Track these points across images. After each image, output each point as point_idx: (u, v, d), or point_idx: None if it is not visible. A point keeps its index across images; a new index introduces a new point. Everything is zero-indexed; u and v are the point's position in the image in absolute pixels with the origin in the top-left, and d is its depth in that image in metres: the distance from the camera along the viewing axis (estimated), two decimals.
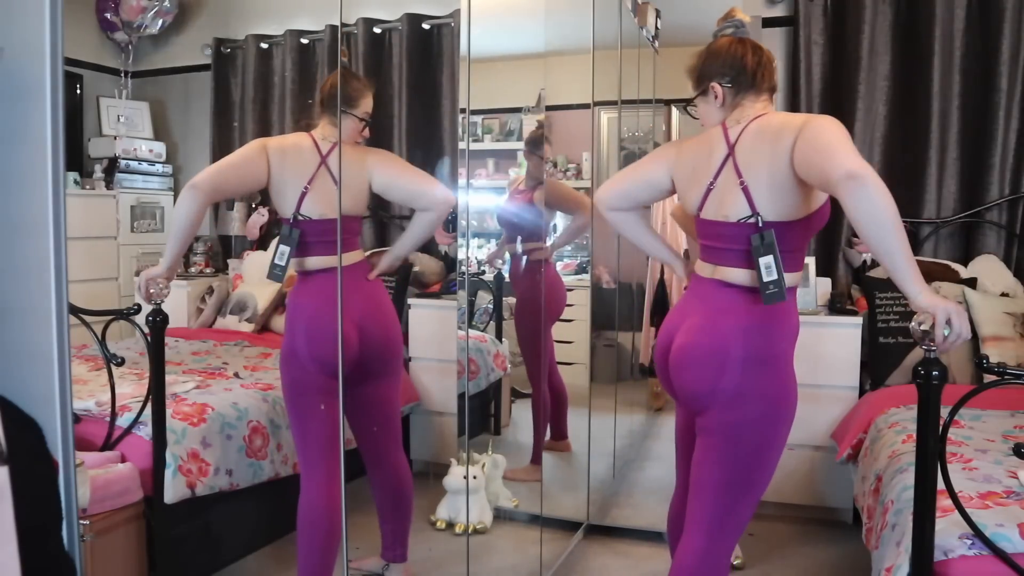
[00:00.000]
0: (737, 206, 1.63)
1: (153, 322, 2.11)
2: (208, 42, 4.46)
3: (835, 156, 1.43)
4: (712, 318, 1.66)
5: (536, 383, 3.15)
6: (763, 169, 1.60)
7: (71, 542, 1.46)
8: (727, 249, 1.66)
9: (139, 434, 2.25)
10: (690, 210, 1.77)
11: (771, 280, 1.58)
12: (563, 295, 3.26)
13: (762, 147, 1.61)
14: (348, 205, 2.11)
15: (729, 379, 1.62)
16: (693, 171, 1.74)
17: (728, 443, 1.65)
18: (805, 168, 1.51)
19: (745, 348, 1.61)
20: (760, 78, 1.70)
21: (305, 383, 2.09)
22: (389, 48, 4.10)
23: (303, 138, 2.17)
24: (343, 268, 2.07)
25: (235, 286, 4.00)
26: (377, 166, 2.18)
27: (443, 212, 2.20)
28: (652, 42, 3.33)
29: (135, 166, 4.32)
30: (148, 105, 4.57)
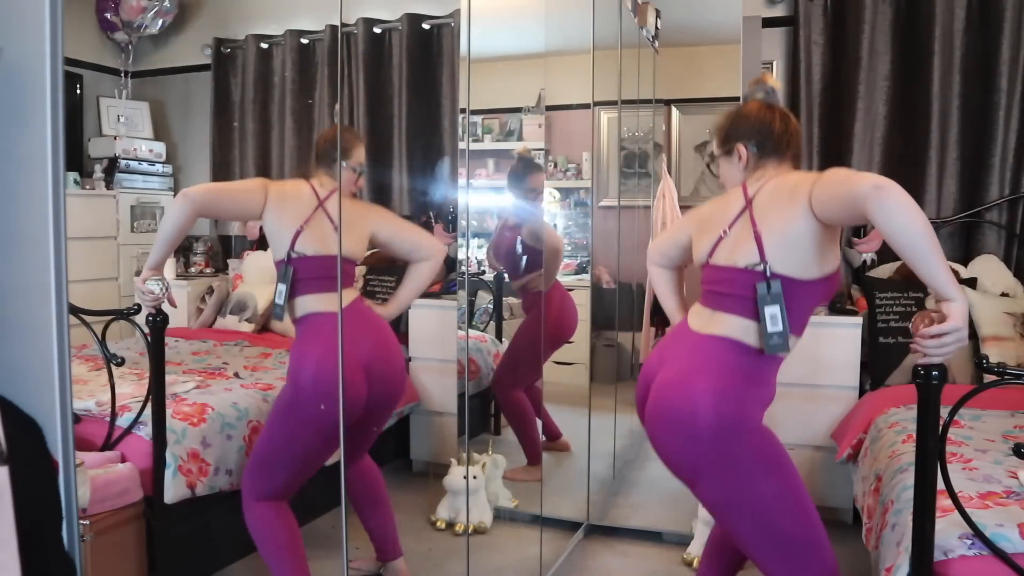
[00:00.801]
0: (747, 253, 1.64)
1: (153, 322, 2.11)
2: (208, 42, 4.46)
3: (856, 176, 1.46)
4: (687, 374, 1.64)
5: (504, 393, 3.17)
6: (778, 221, 1.62)
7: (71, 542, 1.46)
8: (731, 295, 1.66)
9: (139, 434, 2.25)
10: (699, 260, 1.79)
11: (776, 331, 1.59)
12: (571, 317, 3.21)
13: (779, 200, 1.64)
14: (346, 248, 2.16)
15: (702, 451, 1.60)
16: (708, 222, 1.78)
17: (735, 514, 1.64)
18: (828, 202, 1.52)
19: (715, 416, 1.57)
20: (785, 145, 1.74)
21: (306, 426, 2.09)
22: (389, 48, 4.10)
23: (302, 184, 2.24)
24: (344, 310, 2.10)
25: (235, 286, 4.00)
26: (379, 221, 2.30)
27: (440, 260, 2.32)
28: (652, 42, 3.33)
29: (135, 166, 4.32)
30: (148, 105, 4.57)
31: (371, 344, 2.14)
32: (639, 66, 3.24)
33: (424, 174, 4.08)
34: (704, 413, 1.57)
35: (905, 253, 1.39)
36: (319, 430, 2.06)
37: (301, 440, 2.09)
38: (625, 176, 3.46)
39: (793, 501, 1.62)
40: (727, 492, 1.62)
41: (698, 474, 1.63)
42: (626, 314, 3.51)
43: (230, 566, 2.56)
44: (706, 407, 1.57)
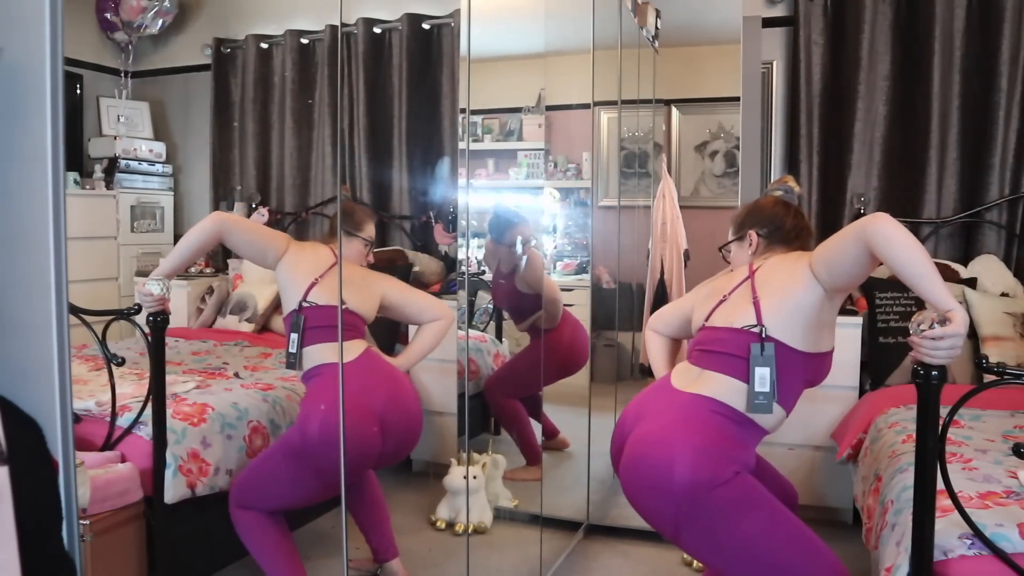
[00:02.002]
0: (745, 315, 1.70)
1: (153, 322, 2.11)
2: (208, 42, 4.46)
3: (849, 226, 1.57)
4: (666, 432, 1.64)
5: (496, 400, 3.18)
6: (778, 287, 1.69)
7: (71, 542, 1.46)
8: (722, 353, 1.70)
9: (139, 434, 2.24)
10: (697, 324, 1.85)
11: (763, 392, 1.63)
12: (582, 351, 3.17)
13: (781, 270, 1.74)
14: (358, 304, 2.27)
15: (679, 507, 1.59)
16: (711, 292, 1.87)
17: (725, 560, 1.63)
18: (832, 257, 1.61)
19: (692, 474, 1.57)
20: (793, 238, 1.86)
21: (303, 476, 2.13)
22: (389, 48, 4.10)
23: (321, 246, 2.37)
24: (355, 361, 2.17)
25: (235, 286, 4.00)
26: (390, 286, 2.39)
27: (450, 322, 2.41)
28: (652, 42, 3.33)
29: (135, 166, 4.32)
30: (148, 105, 4.58)
31: (386, 395, 2.17)
32: (639, 66, 3.24)
33: (424, 174, 4.08)
34: (681, 470, 1.57)
35: (904, 272, 1.46)
36: (322, 476, 2.10)
37: (302, 482, 2.14)
38: (625, 176, 3.45)
39: (781, 532, 1.60)
40: (711, 542, 1.62)
41: (679, 529, 1.63)
42: (626, 314, 3.51)
43: (230, 566, 2.56)
44: (684, 464, 1.57)
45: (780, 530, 1.61)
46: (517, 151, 3.74)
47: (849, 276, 1.62)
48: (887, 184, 3.33)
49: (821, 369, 1.73)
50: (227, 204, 4.34)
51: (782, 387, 1.65)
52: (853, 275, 1.61)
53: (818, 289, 1.64)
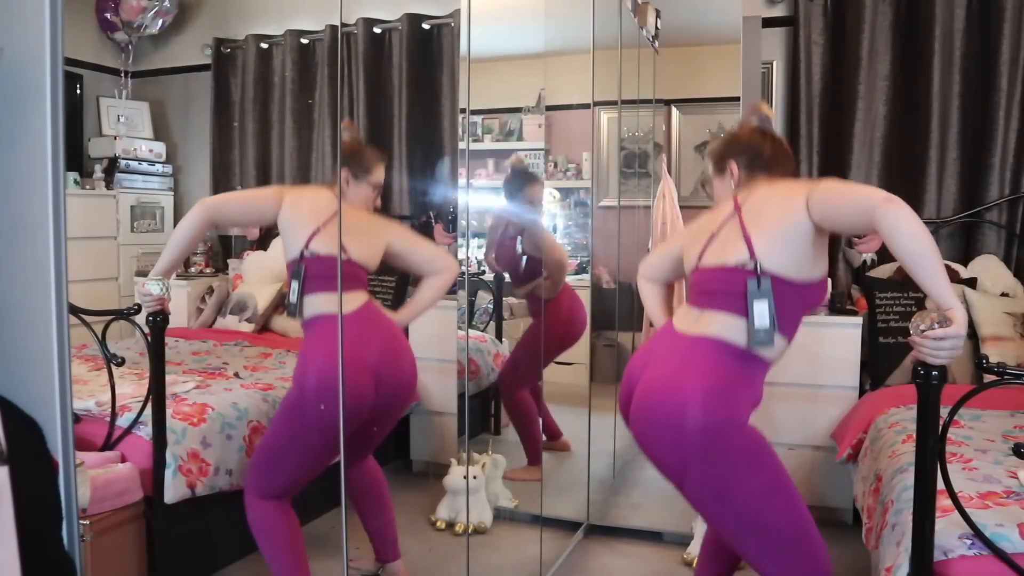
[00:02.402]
0: (737, 252, 1.68)
1: (153, 322, 2.11)
2: (208, 42, 4.46)
3: (863, 189, 1.54)
4: (674, 375, 1.64)
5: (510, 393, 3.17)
6: (769, 220, 1.66)
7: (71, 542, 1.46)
8: (720, 292, 1.68)
9: (139, 434, 2.25)
10: (689, 265, 1.82)
11: (763, 327, 1.62)
12: (579, 322, 3.21)
13: (770, 203, 1.70)
14: (360, 253, 2.19)
15: (689, 451, 1.59)
16: (699, 230, 1.84)
17: (723, 512, 1.63)
18: (832, 206, 1.58)
19: (704, 416, 1.57)
20: (774, 165, 1.82)
21: (309, 429, 2.08)
22: (389, 48, 4.10)
23: (322, 190, 2.28)
24: (354, 313, 2.12)
25: (235, 286, 4.00)
26: (395, 233, 2.32)
27: (454, 276, 2.34)
28: (652, 42, 3.33)
29: (135, 166, 4.32)
30: (148, 105, 4.57)
31: (381, 348, 2.14)
32: (639, 66, 3.24)
33: (424, 174, 4.08)
34: (693, 411, 1.58)
35: (909, 263, 1.44)
36: (322, 431, 2.05)
37: (304, 441, 2.09)
38: (625, 176, 3.46)
39: (781, 497, 1.62)
40: (715, 490, 1.62)
41: (686, 472, 1.62)
42: (626, 314, 3.51)
43: (230, 566, 2.56)
44: (695, 406, 1.58)
45: (783, 495, 1.62)
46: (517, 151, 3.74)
47: (842, 230, 1.62)
48: (887, 184, 3.32)
49: (817, 295, 1.71)
50: None
51: (781, 318, 1.63)
52: (848, 233, 1.61)
53: (809, 224, 1.61)
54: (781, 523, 1.61)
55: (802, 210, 1.61)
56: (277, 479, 2.13)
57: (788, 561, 1.62)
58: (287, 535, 2.14)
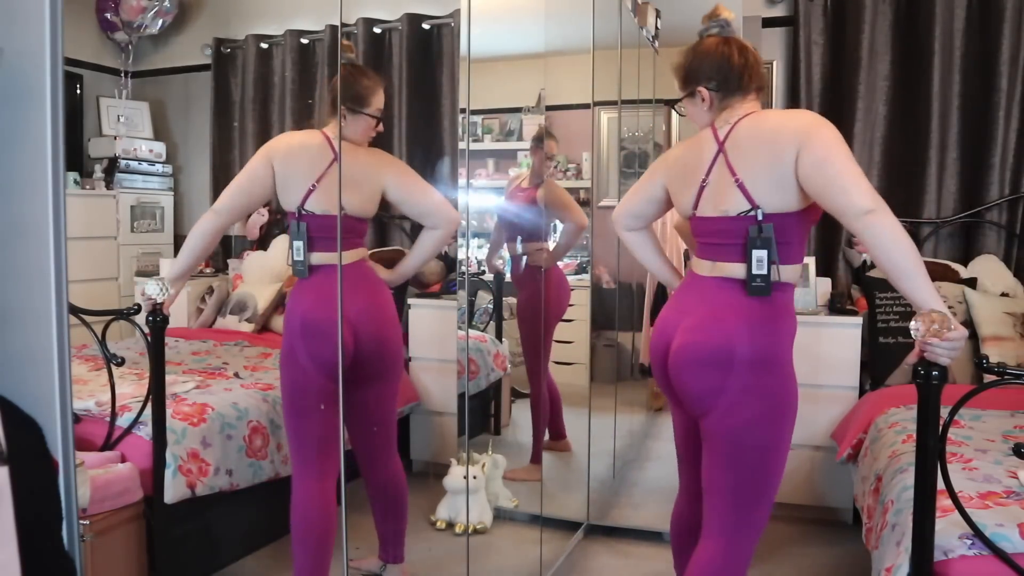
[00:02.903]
0: (735, 201, 1.63)
1: (153, 322, 2.11)
2: (208, 42, 4.46)
3: (849, 190, 1.48)
4: (714, 315, 1.63)
5: (536, 383, 3.15)
6: (761, 167, 1.60)
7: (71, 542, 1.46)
8: (727, 244, 1.65)
9: (139, 434, 2.25)
10: (684, 212, 1.76)
11: (760, 274, 1.60)
12: (567, 294, 3.26)
13: (758, 147, 1.62)
14: (356, 206, 2.11)
15: (735, 381, 1.60)
16: (684, 173, 1.75)
17: (735, 448, 1.64)
18: (812, 189, 1.55)
19: (752, 348, 1.59)
20: (748, 79, 1.70)
21: (303, 383, 2.08)
22: (389, 48, 4.10)
23: (313, 135, 2.16)
24: (344, 268, 2.06)
25: (235, 286, 4.00)
26: (393, 177, 2.21)
27: (452, 231, 2.26)
28: (652, 42, 3.33)
29: (135, 166, 4.32)
30: (148, 105, 4.57)
31: (362, 305, 2.11)
32: (639, 66, 3.24)
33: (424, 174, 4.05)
34: (741, 346, 1.59)
35: (892, 275, 1.45)
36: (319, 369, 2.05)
37: (306, 387, 2.07)
38: (625, 176, 3.45)
39: (782, 455, 1.67)
40: (740, 424, 1.62)
41: (719, 401, 1.62)
42: (626, 314, 3.51)
43: (230, 566, 2.56)
44: (743, 340, 1.59)
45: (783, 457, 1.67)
46: (517, 151, 3.74)
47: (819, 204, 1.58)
48: (887, 184, 3.32)
49: (817, 213, 1.67)
50: None
51: (788, 249, 1.62)
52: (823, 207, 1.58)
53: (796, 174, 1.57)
54: (767, 477, 1.66)
55: (790, 165, 1.55)
56: (306, 446, 2.09)
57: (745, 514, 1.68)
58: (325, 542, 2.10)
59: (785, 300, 1.66)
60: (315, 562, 2.08)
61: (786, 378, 1.66)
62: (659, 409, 3.77)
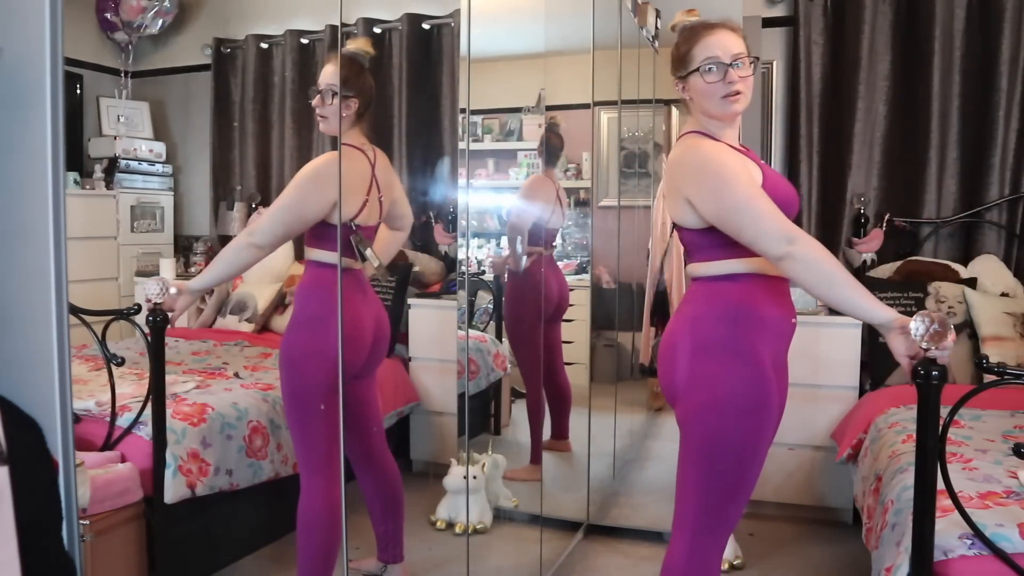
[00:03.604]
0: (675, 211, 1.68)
1: (153, 322, 2.10)
2: (208, 42, 4.46)
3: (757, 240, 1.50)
4: (675, 314, 1.72)
5: (531, 383, 3.15)
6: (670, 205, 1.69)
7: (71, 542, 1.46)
8: (687, 247, 1.71)
9: (139, 434, 2.25)
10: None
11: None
12: (566, 291, 3.26)
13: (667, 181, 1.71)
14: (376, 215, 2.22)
15: (680, 370, 1.63)
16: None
17: (686, 438, 1.65)
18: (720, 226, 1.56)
19: (692, 337, 1.62)
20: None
21: (309, 384, 2.06)
22: (389, 48, 4.09)
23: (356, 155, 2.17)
24: (359, 269, 2.15)
25: (235, 286, 4.00)
26: (397, 191, 2.37)
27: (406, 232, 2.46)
28: (652, 42, 3.33)
29: (135, 166, 4.32)
30: (148, 105, 4.57)
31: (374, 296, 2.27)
32: (639, 66, 3.24)
33: (424, 174, 4.08)
34: (683, 335, 1.64)
35: (828, 300, 1.50)
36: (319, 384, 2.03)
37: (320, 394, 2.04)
38: (625, 176, 3.45)
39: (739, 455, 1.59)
40: (684, 414, 1.63)
41: (673, 394, 1.66)
42: (626, 314, 3.51)
43: (230, 566, 2.56)
44: (685, 331, 1.63)
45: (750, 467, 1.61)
46: (517, 151, 3.73)
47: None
48: (887, 184, 3.33)
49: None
50: (227, 204, 4.34)
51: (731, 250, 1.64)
52: None
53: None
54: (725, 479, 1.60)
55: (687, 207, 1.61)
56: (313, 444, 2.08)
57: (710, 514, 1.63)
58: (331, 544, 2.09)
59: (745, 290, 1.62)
60: (320, 565, 2.09)
61: (733, 368, 1.58)
62: (659, 409, 3.77)
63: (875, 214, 3.33)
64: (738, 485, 1.62)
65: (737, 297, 1.62)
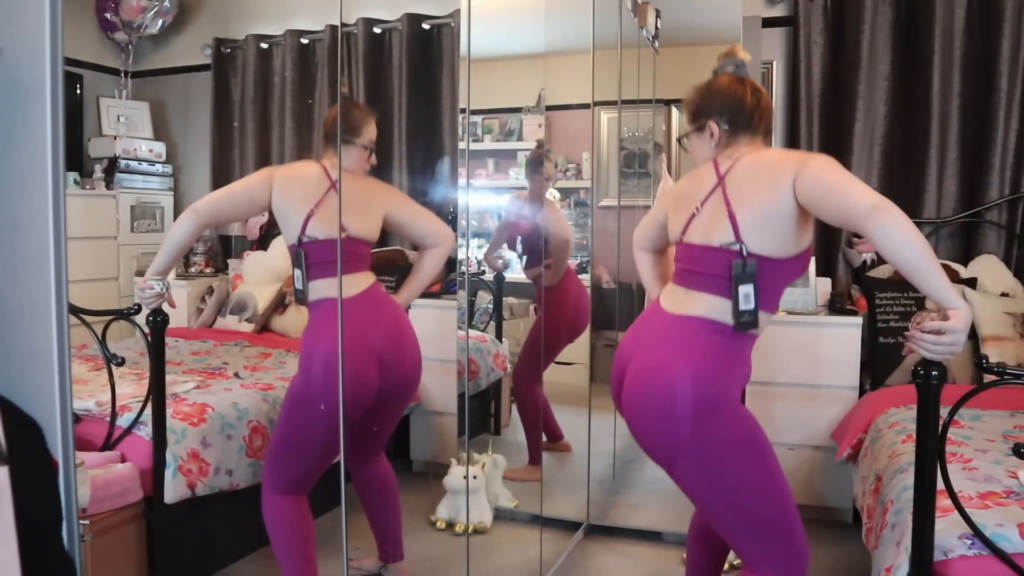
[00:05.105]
0: (722, 233, 1.63)
1: (153, 322, 2.11)
2: (208, 42, 4.46)
3: (852, 192, 1.47)
4: (663, 360, 1.62)
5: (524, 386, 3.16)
6: (755, 199, 1.60)
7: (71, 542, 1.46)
8: (705, 274, 1.65)
9: (139, 434, 2.25)
10: (674, 237, 1.78)
11: (747, 309, 1.60)
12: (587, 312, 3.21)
13: (757, 180, 1.62)
14: (361, 228, 2.13)
15: (681, 434, 1.57)
16: (681, 199, 1.77)
17: (713, 499, 1.62)
18: (816, 202, 1.52)
19: (695, 397, 1.56)
20: (757, 120, 1.72)
21: (313, 418, 2.06)
22: (389, 48, 4.10)
23: (311, 165, 2.18)
24: (359, 296, 2.09)
25: (235, 286, 4.00)
26: (394, 202, 2.26)
27: (451, 247, 2.30)
28: (652, 42, 3.33)
29: (135, 166, 4.32)
30: (148, 105, 4.57)
31: (386, 332, 2.10)
32: (639, 66, 3.24)
33: (424, 174, 4.08)
34: (683, 395, 1.56)
35: (906, 270, 1.41)
36: (329, 418, 2.02)
37: (314, 429, 2.05)
38: (625, 176, 3.45)
39: (770, 483, 1.60)
40: (705, 474, 1.60)
41: (677, 457, 1.61)
42: (626, 314, 3.51)
43: (230, 566, 2.56)
44: (685, 390, 1.56)
45: (771, 479, 1.61)
46: (517, 151, 3.73)
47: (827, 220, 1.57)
48: (887, 184, 3.33)
49: (801, 267, 1.67)
50: None
51: (765, 295, 1.61)
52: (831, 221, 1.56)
53: (795, 206, 1.56)
54: (768, 508, 1.60)
55: (788, 192, 1.55)
56: (291, 471, 2.11)
57: (770, 546, 1.62)
58: (299, 534, 2.13)
59: (742, 348, 1.65)
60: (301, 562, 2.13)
61: (733, 420, 1.60)
62: None
63: None
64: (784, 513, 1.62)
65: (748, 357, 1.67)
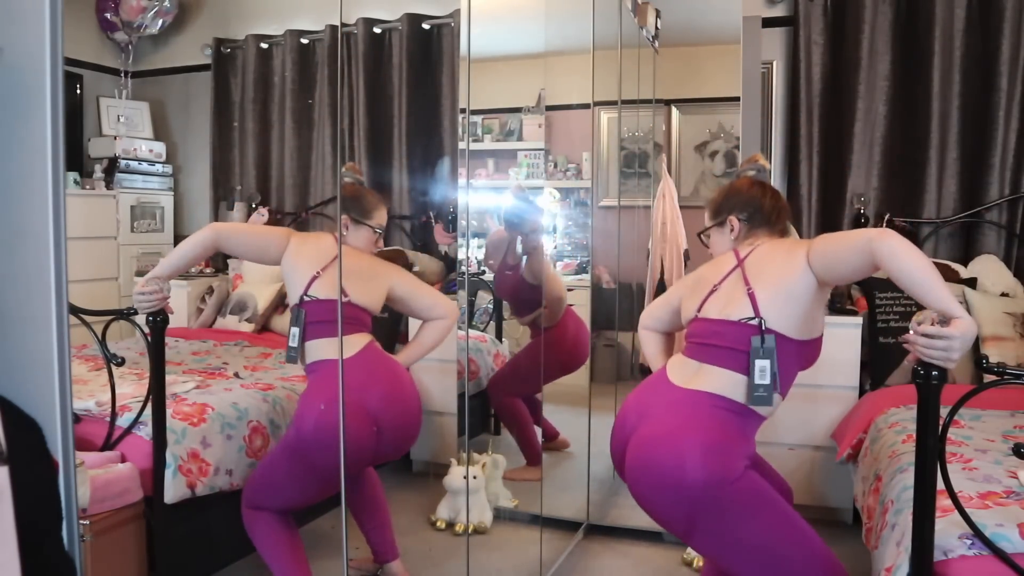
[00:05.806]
0: (741, 308, 1.70)
1: (153, 322, 2.11)
2: (208, 42, 4.46)
3: (853, 233, 1.59)
4: (671, 430, 1.63)
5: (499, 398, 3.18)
6: (773, 277, 1.69)
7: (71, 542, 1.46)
8: (721, 347, 1.69)
9: (139, 434, 2.24)
10: (688, 315, 1.83)
11: (763, 384, 1.64)
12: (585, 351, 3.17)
13: (773, 259, 1.73)
14: (362, 297, 2.21)
15: (693, 506, 1.59)
16: (699, 283, 1.85)
17: (742, 559, 1.63)
18: (829, 260, 1.62)
19: (705, 468, 1.57)
20: (775, 219, 1.86)
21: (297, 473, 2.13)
22: (389, 48, 4.10)
23: (325, 236, 2.34)
24: (355, 356, 2.13)
25: (235, 286, 4.00)
26: (399, 278, 2.34)
27: (455, 319, 2.39)
28: (652, 42, 3.33)
29: (135, 166, 4.32)
30: (148, 105, 4.57)
31: (383, 392, 2.14)
32: (639, 66, 3.24)
33: (424, 174, 4.08)
34: (692, 469, 1.57)
35: (911, 286, 1.47)
36: (319, 475, 2.09)
37: (302, 481, 2.13)
38: (625, 176, 3.45)
39: (793, 529, 1.63)
40: (723, 540, 1.63)
41: (691, 528, 1.64)
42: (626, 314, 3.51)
43: (230, 566, 2.56)
44: (694, 463, 1.57)
45: (789, 529, 1.63)
46: (517, 151, 3.73)
47: (845, 279, 1.67)
48: (887, 184, 3.33)
49: (814, 353, 1.75)
50: (227, 204, 4.34)
51: (780, 376, 1.65)
52: (849, 279, 1.66)
53: (813, 280, 1.65)
54: (793, 553, 1.62)
55: (804, 266, 1.65)
56: (273, 502, 2.18)
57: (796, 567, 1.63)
58: (284, 538, 2.18)
59: (750, 427, 1.70)
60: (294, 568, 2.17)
61: (741, 487, 1.61)
62: None
63: (875, 214, 3.33)
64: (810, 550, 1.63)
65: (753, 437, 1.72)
